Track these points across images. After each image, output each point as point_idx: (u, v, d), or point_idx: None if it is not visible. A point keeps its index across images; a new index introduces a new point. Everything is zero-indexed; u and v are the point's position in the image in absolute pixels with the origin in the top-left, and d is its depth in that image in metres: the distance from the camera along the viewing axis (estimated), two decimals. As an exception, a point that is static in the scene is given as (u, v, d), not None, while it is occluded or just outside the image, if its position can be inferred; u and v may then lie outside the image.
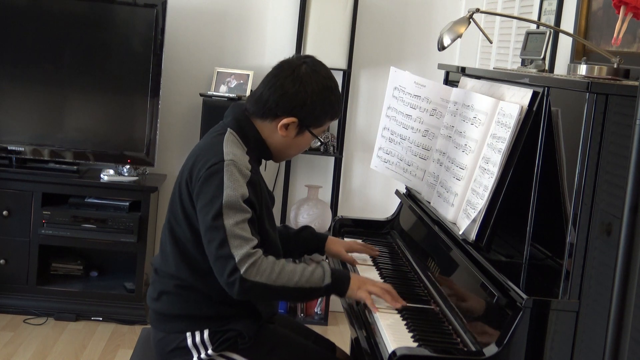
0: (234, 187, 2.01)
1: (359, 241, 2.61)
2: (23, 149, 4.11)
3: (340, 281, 2.07)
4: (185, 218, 2.10)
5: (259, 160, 2.20)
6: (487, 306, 1.81)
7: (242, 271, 1.95)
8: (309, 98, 2.12)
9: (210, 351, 2.10)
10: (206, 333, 2.11)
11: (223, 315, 2.12)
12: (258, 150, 2.17)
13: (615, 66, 2.13)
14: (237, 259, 1.96)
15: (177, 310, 2.13)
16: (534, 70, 2.40)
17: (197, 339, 2.11)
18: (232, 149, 2.08)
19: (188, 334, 2.11)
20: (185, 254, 2.12)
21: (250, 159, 2.11)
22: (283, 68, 2.16)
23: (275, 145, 2.18)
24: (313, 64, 2.17)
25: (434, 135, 2.48)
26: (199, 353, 2.11)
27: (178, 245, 2.13)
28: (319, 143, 2.24)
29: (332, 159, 4.43)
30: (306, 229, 2.49)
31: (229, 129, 2.14)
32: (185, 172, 2.12)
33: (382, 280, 2.29)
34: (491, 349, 1.68)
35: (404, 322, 1.98)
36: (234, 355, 2.11)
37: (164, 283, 2.16)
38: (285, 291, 2.02)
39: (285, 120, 2.13)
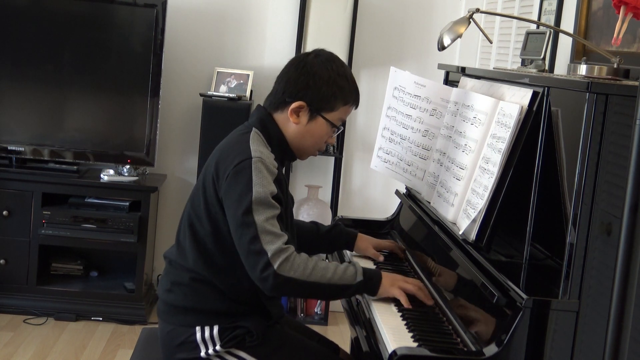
0: (262, 184, 2.02)
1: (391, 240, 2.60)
2: (23, 149, 4.11)
3: (372, 279, 2.09)
4: (207, 214, 2.11)
5: (282, 162, 2.20)
6: (487, 306, 1.81)
7: (275, 266, 1.96)
8: (311, 79, 2.14)
9: (218, 347, 2.11)
10: (216, 329, 2.11)
11: (234, 312, 2.13)
12: (280, 150, 2.18)
13: (615, 66, 2.12)
14: (269, 254, 1.97)
15: (189, 303, 2.14)
16: (534, 70, 2.40)
17: (207, 334, 2.11)
18: (259, 147, 2.10)
19: (197, 328, 2.12)
20: (204, 249, 2.12)
21: (275, 158, 2.13)
22: (292, 60, 2.23)
23: (291, 137, 2.18)
24: (320, 53, 2.21)
25: (434, 135, 2.48)
26: (206, 348, 2.11)
27: (197, 240, 2.13)
28: (338, 131, 2.23)
29: (332, 159, 4.43)
30: (337, 226, 2.50)
31: (254, 128, 2.16)
32: (210, 169, 2.13)
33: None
34: (491, 349, 1.68)
35: (404, 322, 1.98)
36: (241, 353, 2.12)
37: (179, 275, 2.16)
38: (318, 287, 2.03)
39: (293, 105, 2.15)
